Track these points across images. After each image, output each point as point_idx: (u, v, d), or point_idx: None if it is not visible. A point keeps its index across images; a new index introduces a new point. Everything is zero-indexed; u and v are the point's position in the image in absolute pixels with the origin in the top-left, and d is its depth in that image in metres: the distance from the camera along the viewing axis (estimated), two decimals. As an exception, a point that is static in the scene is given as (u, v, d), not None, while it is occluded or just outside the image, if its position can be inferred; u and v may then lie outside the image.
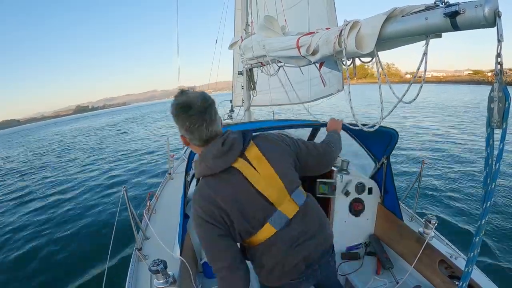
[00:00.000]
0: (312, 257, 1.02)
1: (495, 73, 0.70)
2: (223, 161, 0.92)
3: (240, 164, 0.93)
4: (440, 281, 1.53)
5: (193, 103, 0.88)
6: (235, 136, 0.95)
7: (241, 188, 0.93)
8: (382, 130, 1.65)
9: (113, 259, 3.33)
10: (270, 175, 0.95)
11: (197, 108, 0.87)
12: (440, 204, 4.38)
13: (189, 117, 0.87)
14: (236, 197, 0.93)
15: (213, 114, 0.92)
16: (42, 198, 6.79)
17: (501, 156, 0.72)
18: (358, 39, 0.98)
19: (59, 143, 19.51)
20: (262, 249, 0.99)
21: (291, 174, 1.01)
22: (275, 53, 1.76)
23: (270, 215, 0.96)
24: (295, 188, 1.01)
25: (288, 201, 0.98)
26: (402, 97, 0.95)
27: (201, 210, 0.92)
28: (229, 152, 0.92)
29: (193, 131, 0.89)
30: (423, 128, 10.80)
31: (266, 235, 0.97)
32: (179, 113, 0.88)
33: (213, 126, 0.92)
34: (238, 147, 0.93)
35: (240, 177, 0.93)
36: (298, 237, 0.99)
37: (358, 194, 2.08)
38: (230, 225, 0.93)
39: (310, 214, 1.04)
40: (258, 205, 0.94)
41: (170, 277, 1.27)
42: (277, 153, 1.00)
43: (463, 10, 0.72)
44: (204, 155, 0.93)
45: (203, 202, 0.93)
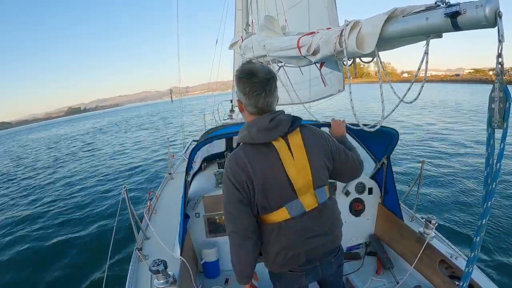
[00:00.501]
0: (314, 253, 1.06)
1: (496, 73, 0.70)
2: (265, 135, 0.96)
3: (279, 144, 0.98)
4: (440, 281, 1.53)
5: (258, 72, 0.95)
6: (285, 118, 1.00)
7: (273, 166, 0.97)
8: (382, 130, 1.65)
9: (114, 259, 3.33)
10: (303, 164, 0.99)
11: (260, 77, 0.94)
12: (440, 204, 4.38)
13: (251, 83, 0.94)
14: (266, 172, 0.97)
15: (273, 87, 0.98)
16: (41, 198, 6.80)
17: (501, 156, 0.72)
18: (359, 39, 0.98)
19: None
20: (271, 230, 1.03)
21: (322, 171, 1.04)
22: (276, 53, 1.76)
23: (289, 201, 1.00)
24: (321, 186, 1.04)
25: (310, 194, 1.02)
26: (403, 97, 0.95)
27: (231, 172, 0.98)
28: (274, 129, 0.97)
29: (251, 97, 0.95)
30: (423, 128, 10.79)
31: (279, 218, 1.01)
32: (243, 77, 0.95)
33: (270, 98, 0.97)
34: (283, 128, 0.98)
35: (275, 155, 0.98)
36: (307, 231, 1.03)
37: (358, 194, 2.08)
38: (252, 195, 0.98)
39: (326, 214, 1.07)
40: (282, 188, 0.99)
41: (170, 277, 1.27)
42: (317, 148, 1.04)
43: (464, 10, 0.72)
44: (252, 124, 0.98)
45: (235, 166, 0.98)
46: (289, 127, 0.99)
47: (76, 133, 25.40)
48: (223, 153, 2.74)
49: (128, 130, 20.69)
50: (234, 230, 1.00)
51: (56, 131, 36.03)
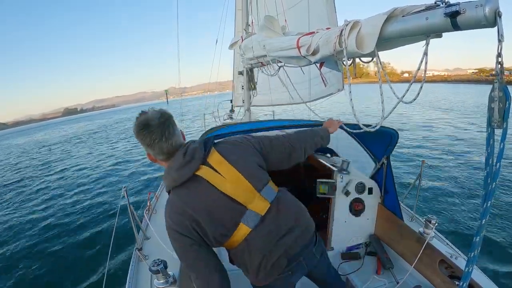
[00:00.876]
0: (293, 251, 1.04)
1: (496, 73, 0.70)
2: (186, 170, 0.95)
3: (203, 171, 0.97)
4: (440, 281, 1.53)
5: (150, 120, 0.93)
6: (195, 145, 0.98)
7: (208, 194, 0.96)
8: (382, 130, 1.65)
9: (114, 259, 3.33)
10: (235, 177, 0.98)
11: (155, 125, 0.93)
12: (440, 204, 4.38)
13: (148, 134, 0.93)
14: (206, 203, 0.95)
15: (171, 128, 0.96)
16: (41, 198, 6.80)
17: (501, 156, 0.72)
18: (358, 39, 0.98)
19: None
20: (241, 249, 1.01)
21: (257, 172, 1.03)
22: (276, 53, 1.76)
23: (242, 215, 0.98)
24: (263, 185, 1.03)
25: (258, 198, 1.00)
26: (402, 97, 0.95)
27: (172, 222, 0.96)
28: (192, 161, 0.95)
29: (154, 146, 0.94)
30: (423, 128, 10.80)
31: (242, 235, 0.99)
32: (140, 131, 0.94)
33: (172, 139, 0.95)
34: (199, 156, 0.97)
35: (206, 183, 0.96)
36: (275, 232, 1.01)
37: (358, 194, 2.07)
38: (203, 233, 0.96)
39: (285, 208, 1.05)
40: (228, 208, 0.97)
41: (170, 277, 1.27)
42: (239, 154, 1.02)
43: (463, 10, 0.72)
44: (169, 169, 0.97)
45: (174, 214, 0.96)
46: (204, 152, 0.98)
47: (56, 140, 22.33)
48: None
49: (105, 140, 16.95)
50: (196, 275, 0.97)
51: (42, 135, 33.20)
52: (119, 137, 17.32)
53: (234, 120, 5.20)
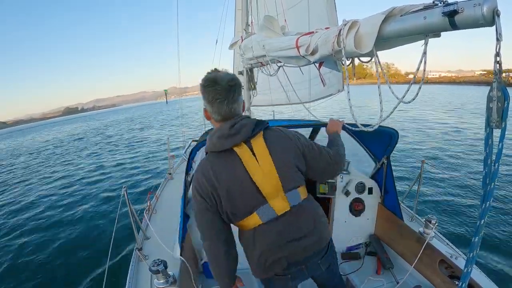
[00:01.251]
0: (296, 257, 1.04)
1: (494, 73, 0.69)
2: (225, 142, 0.96)
3: (241, 150, 0.97)
4: (440, 281, 1.53)
5: (221, 80, 0.95)
6: (246, 122, 0.98)
7: (236, 172, 0.96)
8: (382, 130, 1.65)
9: (114, 259, 3.34)
10: (269, 168, 0.97)
11: (222, 85, 0.95)
12: (440, 204, 4.37)
13: (214, 91, 0.95)
14: (229, 179, 0.96)
15: (236, 94, 0.98)
16: (41, 198, 6.81)
17: (500, 156, 0.71)
18: (357, 38, 0.98)
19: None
20: (247, 236, 1.04)
21: (291, 172, 1.01)
22: (275, 53, 1.76)
23: (259, 207, 0.99)
24: (292, 188, 1.01)
25: (280, 198, 1.00)
26: (402, 98, 0.94)
27: (197, 183, 1.00)
28: (234, 136, 0.96)
29: (214, 104, 0.96)
30: (423, 128, 10.77)
31: (252, 224, 1.01)
32: (206, 86, 0.96)
33: (233, 105, 0.98)
34: (245, 134, 0.96)
35: (239, 162, 0.96)
36: (283, 235, 1.01)
37: (358, 194, 2.07)
38: (218, 203, 0.98)
39: (303, 217, 1.04)
40: (249, 193, 0.97)
41: (170, 277, 1.27)
42: (283, 150, 1.01)
43: (461, 9, 0.71)
44: (214, 132, 0.99)
45: (200, 175, 0.99)
46: (252, 132, 0.97)
47: (35, 146, 19.61)
48: None
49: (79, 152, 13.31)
50: (206, 239, 1.01)
51: (31, 137, 30.39)
52: (94, 148, 13.65)
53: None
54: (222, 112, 0.97)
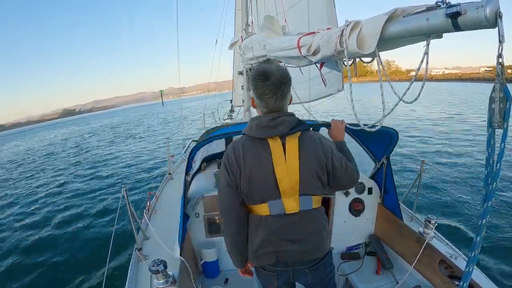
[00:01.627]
0: (285, 257, 1.08)
1: (496, 74, 0.70)
2: (262, 132, 1.01)
3: (274, 143, 1.01)
4: (440, 281, 1.53)
5: (271, 74, 0.97)
6: (287, 119, 1.01)
7: (263, 161, 1.01)
8: (382, 130, 1.65)
9: (113, 259, 3.33)
10: (293, 168, 1.01)
11: (274, 80, 0.97)
12: (440, 204, 4.39)
13: (264, 86, 0.97)
14: (255, 165, 1.01)
15: (285, 91, 1.01)
16: (41, 198, 6.78)
17: (502, 156, 0.72)
18: (359, 39, 0.98)
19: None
20: (253, 222, 1.09)
21: (313, 180, 1.04)
22: (276, 53, 1.76)
23: (272, 199, 1.03)
24: (307, 194, 1.05)
25: (293, 199, 1.03)
26: (402, 96, 0.95)
27: (227, 158, 1.06)
28: (272, 128, 1.00)
29: (262, 97, 1.00)
30: (423, 128, 10.81)
31: (261, 212, 1.06)
32: (257, 79, 0.99)
33: (281, 101, 1.01)
34: (283, 130, 1.00)
35: (268, 153, 1.01)
36: (283, 232, 1.06)
37: (358, 194, 2.08)
38: (238, 181, 1.04)
39: (306, 224, 1.07)
40: (267, 184, 1.02)
41: (170, 277, 1.27)
42: (313, 156, 1.03)
43: (464, 10, 0.72)
44: (255, 119, 1.04)
45: (231, 152, 1.05)
46: (290, 130, 1.00)
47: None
48: (223, 153, 2.73)
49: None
50: (222, 212, 1.09)
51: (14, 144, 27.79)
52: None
53: (234, 120, 5.20)
54: (269, 107, 1.01)
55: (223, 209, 1.08)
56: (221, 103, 5.83)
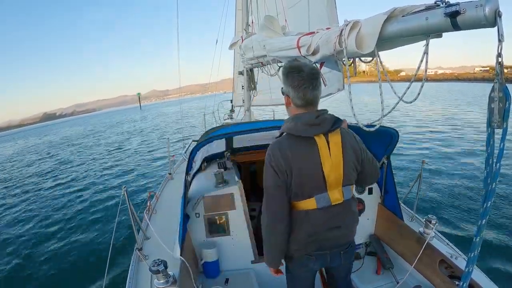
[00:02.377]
0: (329, 242, 1.16)
1: (496, 73, 0.70)
2: (310, 130, 1.04)
3: (320, 140, 1.05)
4: (440, 281, 1.53)
5: (304, 67, 1.02)
6: (328, 117, 1.07)
7: (311, 159, 1.05)
8: (382, 130, 1.65)
9: (114, 259, 3.31)
10: (337, 162, 1.07)
11: (307, 72, 1.02)
12: (440, 204, 4.38)
13: (299, 77, 1.01)
14: (304, 164, 1.05)
15: (319, 82, 1.05)
16: (40, 198, 6.80)
17: (501, 156, 0.72)
18: (358, 39, 0.98)
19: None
20: (299, 216, 1.12)
21: (352, 171, 1.12)
22: (276, 53, 1.76)
23: (319, 193, 1.09)
24: (348, 184, 1.13)
25: (338, 190, 1.10)
26: (402, 96, 0.95)
27: (273, 159, 1.07)
28: (318, 126, 1.04)
29: (300, 90, 1.02)
30: (424, 128, 10.79)
31: (307, 207, 1.10)
32: (292, 72, 1.03)
33: (316, 91, 1.05)
34: (326, 126, 1.04)
35: (315, 150, 1.05)
36: (329, 222, 1.12)
37: (358, 194, 2.07)
38: (289, 181, 1.07)
39: (347, 211, 1.16)
40: (316, 180, 1.07)
41: (170, 277, 1.27)
42: (351, 149, 1.11)
43: (463, 10, 0.72)
44: (299, 117, 1.06)
45: (278, 153, 1.06)
46: (331, 126, 1.05)
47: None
48: (223, 153, 2.74)
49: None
50: (269, 211, 1.09)
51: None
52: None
53: (234, 120, 5.20)
54: (306, 97, 1.03)
55: (272, 209, 1.09)
56: (221, 103, 5.83)
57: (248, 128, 2.00)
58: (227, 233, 1.93)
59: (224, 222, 1.93)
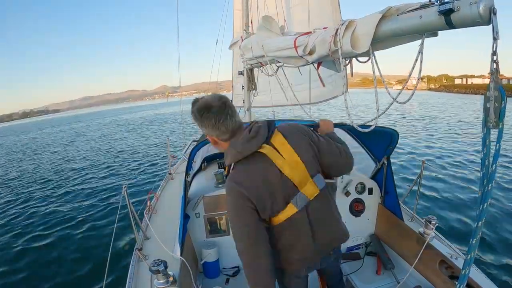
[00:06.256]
0: (319, 246, 1.12)
1: (491, 72, 0.69)
2: (252, 144, 1.00)
3: (266, 150, 1.02)
4: (440, 281, 1.52)
5: (211, 102, 0.97)
6: (260, 124, 1.04)
7: (269, 171, 1.02)
8: (382, 130, 1.64)
9: (114, 259, 3.32)
10: (293, 160, 1.03)
11: (216, 105, 0.97)
12: (440, 204, 4.35)
13: (213, 115, 0.97)
14: (266, 179, 1.01)
15: (232, 108, 1.01)
16: (40, 198, 6.85)
17: (497, 157, 0.71)
18: (353, 38, 0.97)
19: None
20: (283, 227, 1.08)
21: (312, 159, 1.08)
22: (273, 53, 1.76)
23: (293, 196, 1.05)
24: (316, 173, 1.08)
25: (310, 183, 1.06)
26: (396, 97, 0.94)
27: (234, 192, 1.01)
28: (256, 137, 1.01)
29: (220, 126, 0.98)
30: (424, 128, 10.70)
31: (288, 214, 1.06)
32: (202, 115, 0.97)
33: (235, 117, 1.02)
34: (263, 134, 1.02)
35: (268, 161, 1.02)
36: (315, 221, 1.09)
37: (358, 194, 2.07)
38: (261, 204, 1.02)
39: (327, 201, 1.13)
40: (284, 187, 1.04)
41: (170, 277, 1.27)
42: (301, 141, 1.07)
43: (457, 7, 0.71)
44: (234, 143, 1.02)
45: (235, 186, 1.01)
46: (268, 132, 1.03)
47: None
48: (223, 153, 2.74)
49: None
50: (248, 243, 1.01)
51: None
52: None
53: None
54: (229, 128, 1.00)
55: (252, 236, 1.02)
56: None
57: None
58: (227, 233, 1.94)
59: (224, 222, 1.93)
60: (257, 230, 1.02)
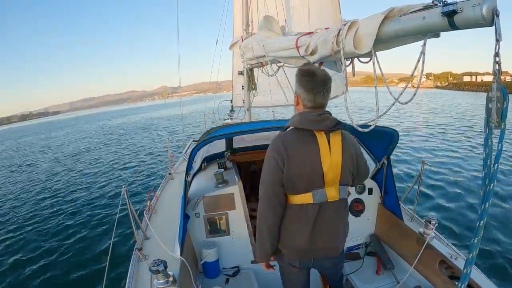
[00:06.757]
0: (315, 248, 1.17)
1: (493, 73, 0.69)
2: (312, 124, 1.08)
3: (321, 137, 1.09)
4: (440, 281, 1.52)
5: (318, 72, 1.07)
6: (331, 117, 1.11)
7: (311, 153, 1.08)
8: (382, 130, 1.65)
9: (114, 259, 3.33)
10: (336, 161, 1.10)
11: (320, 76, 1.06)
12: (440, 204, 4.36)
13: (313, 81, 1.06)
14: (304, 156, 1.08)
15: (330, 88, 1.10)
16: (40, 198, 6.83)
17: (499, 157, 0.71)
18: (356, 39, 0.98)
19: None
20: (295, 210, 1.14)
21: (348, 172, 1.15)
22: (275, 53, 1.76)
23: (316, 188, 1.11)
24: (344, 184, 1.16)
25: (335, 188, 1.13)
26: (398, 97, 0.94)
27: (276, 149, 1.10)
28: (320, 122, 1.08)
29: (311, 93, 1.07)
30: (424, 128, 10.74)
31: (303, 201, 1.12)
32: (306, 75, 1.07)
33: (327, 96, 1.09)
34: (329, 124, 1.08)
35: (315, 146, 1.08)
36: (321, 222, 1.14)
37: (358, 195, 2.07)
38: (287, 169, 1.09)
39: (341, 211, 1.19)
40: (314, 175, 1.09)
41: (170, 277, 1.27)
42: (350, 152, 1.15)
43: (460, 9, 0.71)
44: (303, 113, 1.11)
45: (279, 143, 1.10)
46: (333, 126, 1.08)
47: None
48: (223, 153, 2.74)
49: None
50: (264, 197, 1.12)
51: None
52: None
53: (234, 120, 5.20)
54: (316, 101, 1.08)
55: (267, 193, 1.12)
56: (222, 103, 5.83)
57: (248, 129, 2.00)
58: (227, 233, 1.93)
59: (224, 222, 1.93)
60: (273, 187, 1.10)
